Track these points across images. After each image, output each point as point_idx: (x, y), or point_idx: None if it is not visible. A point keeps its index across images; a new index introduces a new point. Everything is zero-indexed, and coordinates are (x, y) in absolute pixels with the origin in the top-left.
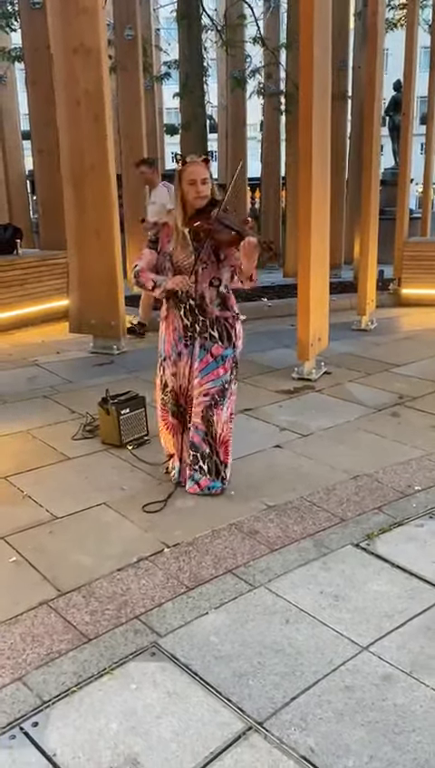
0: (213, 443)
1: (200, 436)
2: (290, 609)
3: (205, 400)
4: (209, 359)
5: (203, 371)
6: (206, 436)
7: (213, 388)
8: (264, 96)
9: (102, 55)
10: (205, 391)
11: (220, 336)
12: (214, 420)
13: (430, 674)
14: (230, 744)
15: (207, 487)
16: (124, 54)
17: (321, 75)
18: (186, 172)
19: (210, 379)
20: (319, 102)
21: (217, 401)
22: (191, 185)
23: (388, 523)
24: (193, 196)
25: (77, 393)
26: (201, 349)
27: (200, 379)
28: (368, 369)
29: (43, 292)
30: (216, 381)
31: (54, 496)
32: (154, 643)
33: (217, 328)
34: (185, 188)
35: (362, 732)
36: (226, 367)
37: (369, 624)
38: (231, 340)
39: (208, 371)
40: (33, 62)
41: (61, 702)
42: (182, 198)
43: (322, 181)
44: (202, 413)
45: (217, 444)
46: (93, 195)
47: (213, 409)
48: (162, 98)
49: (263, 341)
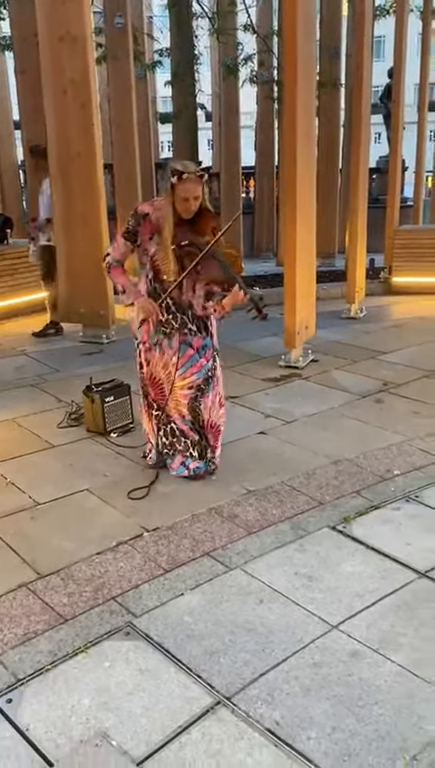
0: (202, 429)
1: (187, 425)
2: (264, 589)
3: (190, 393)
4: (191, 351)
5: (186, 365)
6: (193, 425)
7: (198, 380)
8: (257, 84)
9: (89, 43)
10: (189, 384)
11: (199, 328)
12: (200, 410)
13: (396, 650)
14: (198, 717)
15: (195, 469)
16: (114, 43)
17: (305, 62)
18: (181, 188)
19: (194, 372)
20: (304, 89)
21: (202, 390)
22: (184, 201)
23: (365, 507)
24: (184, 208)
25: (65, 382)
26: (182, 343)
27: (184, 372)
28: (355, 356)
29: (33, 282)
30: (199, 373)
31: (37, 483)
32: (129, 623)
33: (195, 322)
34: (177, 201)
35: (327, 705)
36: (207, 356)
37: (340, 604)
38: (208, 329)
39: (192, 364)
40: (22, 51)
41: (35, 680)
42: (174, 209)
43: (307, 168)
44: (189, 404)
45: (207, 429)
46: (80, 183)
47: (199, 399)
48: (155, 86)
49: (252, 330)
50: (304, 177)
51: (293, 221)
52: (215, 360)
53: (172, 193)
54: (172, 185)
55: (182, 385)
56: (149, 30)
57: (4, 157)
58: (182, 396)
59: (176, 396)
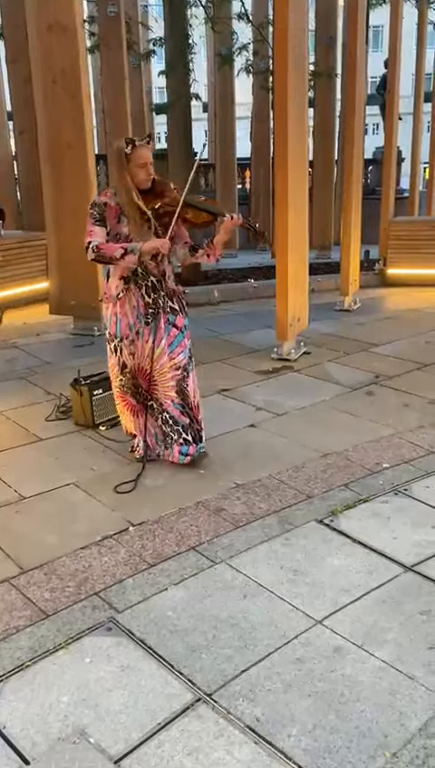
0: (191, 412)
1: (178, 409)
2: (248, 584)
3: (177, 374)
4: (175, 331)
5: (172, 344)
6: (183, 408)
7: (184, 360)
8: (252, 74)
9: (78, 33)
10: (176, 364)
11: (180, 307)
12: (188, 391)
13: (380, 646)
14: (178, 714)
15: (196, 452)
16: (107, 31)
17: (297, 50)
18: (135, 155)
19: (180, 351)
20: (295, 79)
21: (187, 371)
22: (142, 167)
23: (353, 500)
24: (143, 177)
25: (55, 374)
26: (166, 324)
27: (170, 352)
28: (347, 348)
29: (25, 274)
30: (184, 351)
31: (23, 477)
32: (111, 618)
33: (175, 300)
34: (134, 171)
35: (309, 702)
36: (188, 335)
37: (325, 598)
38: (184, 309)
39: (177, 343)
40: (14, 40)
41: (14, 676)
42: (128, 181)
43: (299, 159)
44: (176, 386)
45: (195, 411)
46: (71, 174)
47: (186, 380)
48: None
49: (245, 322)
50: (295, 168)
51: (284, 212)
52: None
53: (127, 164)
54: (126, 155)
55: (171, 365)
56: (144, 19)
57: None
58: (171, 377)
59: (164, 380)
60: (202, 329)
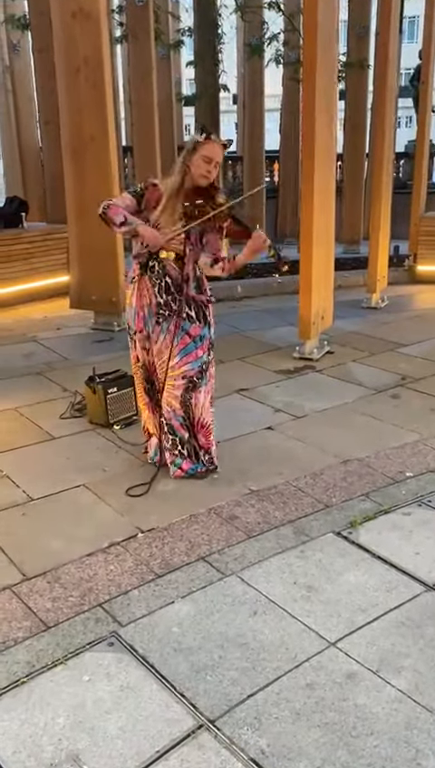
0: (191, 428)
1: (179, 421)
2: (259, 599)
3: (183, 383)
4: (188, 340)
5: (182, 352)
6: (184, 420)
7: (192, 371)
8: (283, 65)
9: (102, 20)
10: (183, 374)
11: (197, 316)
12: (192, 404)
13: (397, 673)
14: (178, 742)
15: (190, 469)
16: (135, 21)
17: (326, 41)
18: (206, 147)
19: (188, 361)
20: (324, 70)
21: (195, 384)
22: (206, 162)
23: (374, 511)
24: (202, 172)
25: (72, 370)
26: (179, 329)
27: (178, 360)
28: (373, 348)
29: (48, 267)
30: (194, 363)
31: (33, 477)
32: (114, 633)
33: (193, 307)
34: (196, 162)
35: (318, 733)
36: (204, 347)
37: (340, 618)
38: (207, 319)
39: (187, 353)
40: (39, 29)
41: (9, 693)
42: (187, 169)
43: (326, 152)
44: (180, 396)
45: (196, 428)
46: (93, 165)
47: (191, 392)
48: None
49: (267, 319)
50: (322, 162)
51: (310, 206)
52: (210, 354)
53: (193, 153)
54: (197, 143)
55: (175, 375)
56: (175, 9)
57: (25, 138)
58: (177, 387)
59: (170, 386)
60: (223, 325)
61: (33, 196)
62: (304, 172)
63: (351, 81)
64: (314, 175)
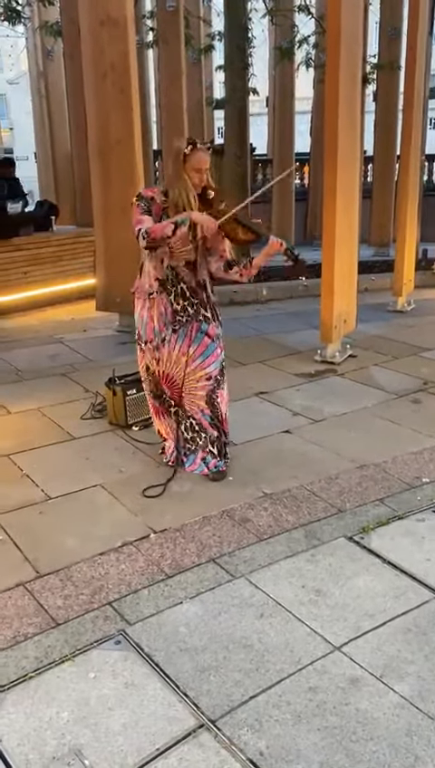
0: (220, 425)
1: (207, 420)
2: (267, 602)
3: (208, 384)
4: (208, 340)
5: (204, 354)
6: (212, 420)
7: (215, 370)
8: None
9: (129, 27)
10: (207, 375)
11: (213, 316)
12: (218, 402)
13: (400, 679)
14: (178, 741)
15: (215, 467)
16: (165, 26)
17: (350, 44)
18: (194, 158)
19: (212, 361)
20: (347, 73)
21: (219, 381)
22: (197, 171)
23: (387, 516)
24: (196, 182)
25: (95, 372)
26: (198, 332)
27: (202, 361)
28: (396, 352)
29: (76, 269)
30: (216, 362)
31: (52, 476)
32: (121, 631)
33: (209, 308)
34: (189, 172)
35: (318, 737)
36: (221, 345)
37: (346, 622)
38: (218, 318)
39: (209, 353)
40: (70, 36)
41: (17, 687)
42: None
43: (350, 155)
44: (206, 396)
45: (224, 425)
46: (118, 169)
47: (217, 391)
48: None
49: (290, 322)
50: (345, 164)
51: (332, 209)
52: (223, 353)
53: (184, 164)
54: (185, 155)
55: (201, 375)
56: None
57: (57, 142)
58: (201, 387)
59: (193, 389)
60: (246, 327)
61: (65, 200)
62: (327, 174)
63: (382, 83)
64: (337, 177)
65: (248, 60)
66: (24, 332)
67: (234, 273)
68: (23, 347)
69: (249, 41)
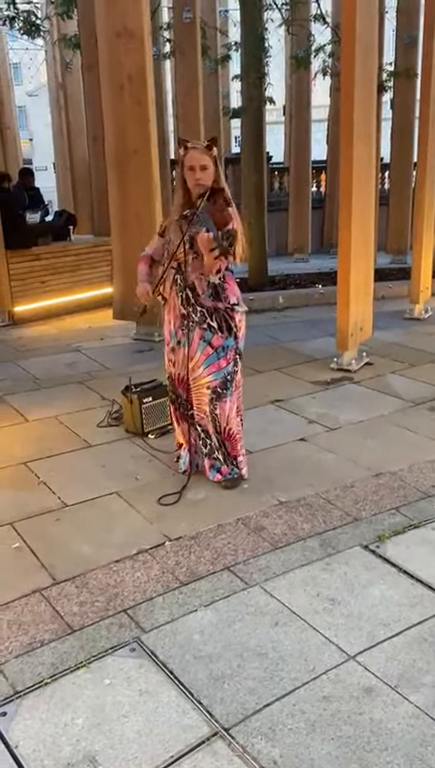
0: (218, 436)
1: (212, 426)
2: (282, 610)
3: (207, 393)
4: (210, 350)
5: (205, 363)
6: (215, 427)
7: (214, 381)
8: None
9: (146, 39)
10: (207, 384)
11: (220, 327)
12: (217, 414)
13: (415, 689)
14: (192, 748)
15: (228, 474)
16: (182, 37)
17: (365, 51)
18: (186, 157)
19: (211, 372)
20: (362, 81)
21: (219, 394)
22: (190, 170)
23: (403, 525)
24: (192, 182)
25: (112, 380)
26: (201, 340)
27: (202, 371)
28: (413, 360)
29: (94, 278)
30: (217, 374)
31: (68, 484)
32: (136, 638)
33: (215, 318)
34: (185, 174)
35: (332, 746)
36: (227, 358)
37: (361, 631)
38: (231, 330)
39: (210, 363)
40: (88, 48)
41: (33, 693)
42: (183, 184)
43: (365, 163)
44: (206, 406)
45: (224, 436)
46: (135, 179)
47: (215, 403)
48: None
49: (307, 330)
50: (360, 173)
51: (348, 217)
52: (236, 365)
53: (181, 167)
54: (180, 156)
55: (200, 385)
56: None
57: (76, 153)
58: (200, 395)
59: (199, 395)
60: (263, 335)
61: (83, 210)
62: (343, 182)
63: (399, 91)
64: (353, 185)
65: (265, 69)
66: (42, 341)
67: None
68: (41, 355)
69: (265, 50)
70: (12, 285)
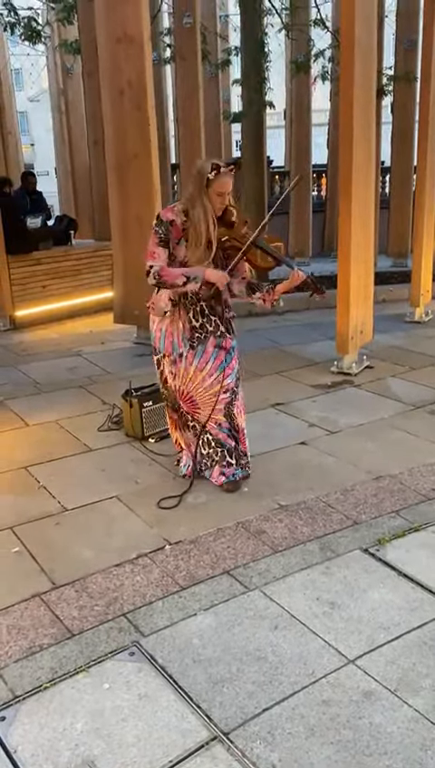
0: (237, 435)
1: (225, 432)
2: (281, 614)
3: (226, 397)
4: (223, 353)
5: (220, 367)
6: (230, 431)
7: (232, 382)
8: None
9: (145, 45)
10: (226, 387)
11: (228, 330)
12: (235, 414)
13: (415, 693)
14: (191, 753)
15: (232, 476)
16: (182, 42)
17: (364, 55)
18: (218, 182)
19: (228, 374)
20: (361, 86)
21: (235, 393)
22: (220, 195)
23: (403, 529)
24: (217, 206)
25: (113, 384)
26: (214, 347)
27: (219, 374)
28: (414, 363)
29: (95, 283)
30: (233, 374)
31: (68, 488)
32: (136, 642)
33: (225, 323)
34: (212, 197)
35: (331, 750)
36: (236, 358)
37: (361, 635)
38: (233, 331)
39: (226, 365)
40: (88, 53)
41: (32, 698)
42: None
43: (365, 166)
44: (224, 409)
45: (241, 435)
46: (136, 183)
47: (234, 403)
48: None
49: (308, 333)
50: (360, 176)
51: (347, 221)
52: (239, 363)
53: (207, 189)
54: (208, 179)
55: (218, 389)
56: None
57: (76, 157)
58: (220, 401)
59: (211, 403)
60: (263, 339)
61: (84, 214)
62: (342, 186)
63: (399, 94)
64: (353, 189)
65: (265, 74)
66: (43, 345)
67: (256, 298)
68: (42, 360)
69: (265, 55)
70: (13, 290)
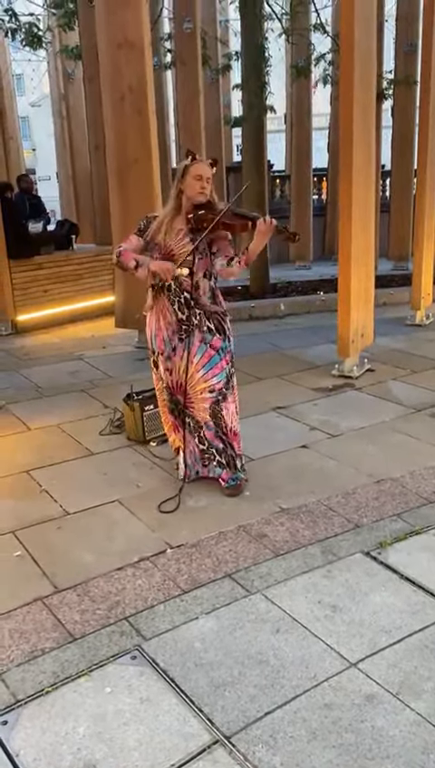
0: (225, 437)
1: (212, 432)
2: (283, 618)
3: (211, 396)
4: (211, 352)
5: (207, 366)
6: (217, 431)
7: (219, 383)
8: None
9: (146, 50)
10: (211, 387)
11: (217, 328)
12: (222, 414)
13: (417, 696)
14: (193, 757)
15: (230, 479)
16: (182, 47)
17: (364, 59)
18: (194, 167)
19: (215, 373)
20: (361, 89)
21: (224, 395)
22: (197, 180)
23: (405, 532)
24: (197, 190)
25: (114, 388)
26: (202, 343)
27: (205, 373)
28: (415, 366)
29: (96, 287)
30: (220, 375)
31: (70, 492)
32: (137, 646)
33: (212, 320)
34: (189, 181)
35: (333, 754)
36: (226, 359)
37: (363, 638)
38: (226, 332)
39: (213, 365)
40: (89, 59)
41: (34, 702)
42: (180, 192)
43: (365, 170)
44: (210, 408)
45: (230, 437)
46: (136, 188)
47: (221, 404)
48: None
49: (308, 337)
50: (360, 180)
51: (348, 224)
52: (233, 365)
53: (184, 177)
54: (186, 166)
55: (204, 387)
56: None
57: (78, 162)
58: (204, 400)
59: (198, 399)
60: (264, 342)
61: (85, 219)
62: (342, 190)
63: (399, 98)
64: (353, 192)
65: (265, 78)
66: (45, 350)
67: (234, 263)
68: (43, 364)
69: (266, 60)
70: (14, 294)
